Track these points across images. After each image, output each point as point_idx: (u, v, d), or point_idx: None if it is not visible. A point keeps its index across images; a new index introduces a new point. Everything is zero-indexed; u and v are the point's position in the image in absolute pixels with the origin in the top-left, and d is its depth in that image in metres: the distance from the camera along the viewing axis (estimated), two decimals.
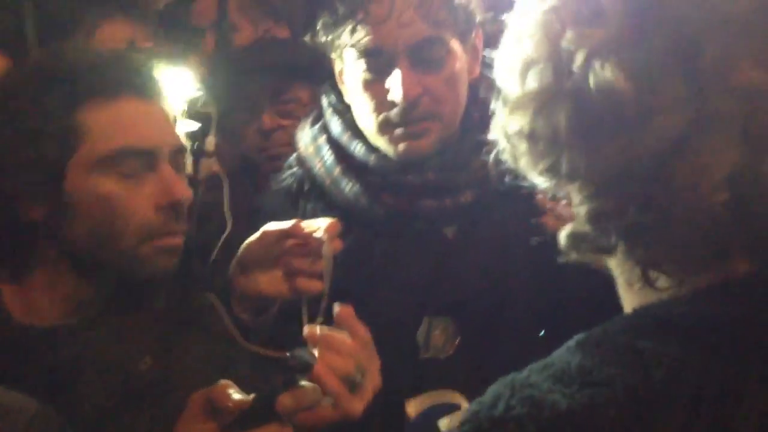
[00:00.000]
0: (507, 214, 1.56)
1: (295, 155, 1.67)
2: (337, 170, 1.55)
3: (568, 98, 0.71)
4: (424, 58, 1.46)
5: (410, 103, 1.45)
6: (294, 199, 1.61)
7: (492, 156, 0.90)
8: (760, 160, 0.65)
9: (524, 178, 0.86)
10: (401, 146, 1.50)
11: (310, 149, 1.61)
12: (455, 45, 1.50)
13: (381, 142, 1.52)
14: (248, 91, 2.33)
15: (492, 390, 0.78)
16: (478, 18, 1.52)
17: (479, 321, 1.50)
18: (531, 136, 0.77)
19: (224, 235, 1.57)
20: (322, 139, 1.60)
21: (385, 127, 1.49)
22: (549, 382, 0.74)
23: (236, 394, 1.09)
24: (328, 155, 1.58)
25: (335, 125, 1.59)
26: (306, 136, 1.64)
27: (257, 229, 1.43)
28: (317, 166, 1.59)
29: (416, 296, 1.52)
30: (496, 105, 0.83)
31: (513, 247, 1.52)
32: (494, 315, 1.49)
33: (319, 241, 1.35)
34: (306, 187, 1.61)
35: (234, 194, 1.72)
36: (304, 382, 1.13)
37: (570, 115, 0.72)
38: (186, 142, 1.44)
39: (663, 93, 0.66)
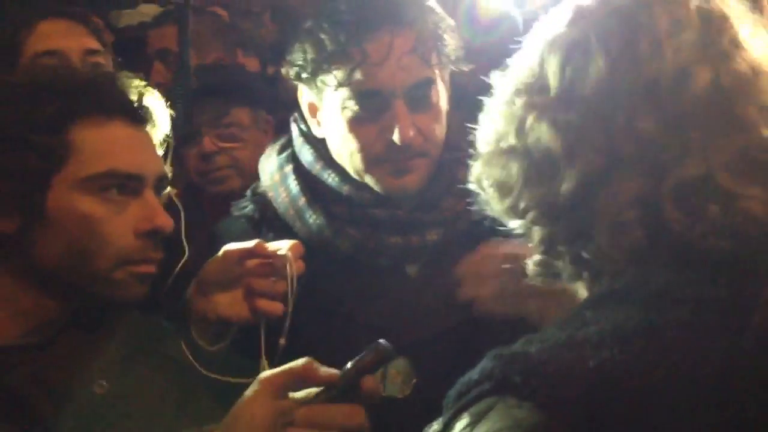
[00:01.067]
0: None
1: (258, 182, 1.65)
2: (302, 200, 1.53)
3: (520, 153, 0.93)
4: (417, 98, 1.47)
5: (406, 143, 1.45)
6: (255, 226, 1.58)
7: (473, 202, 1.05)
8: (658, 186, 0.86)
9: (495, 219, 1.02)
10: (389, 182, 1.50)
11: (276, 177, 1.59)
12: (440, 84, 1.51)
13: (368, 179, 1.51)
14: (190, 114, 2.31)
15: (480, 365, 0.85)
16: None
17: (438, 362, 1.48)
18: (496, 184, 0.97)
19: (182, 261, 1.53)
20: (289, 168, 1.58)
21: (374, 165, 1.49)
22: (542, 352, 0.82)
23: (325, 368, 1.11)
24: (293, 185, 1.55)
25: (307, 154, 1.57)
26: (271, 165, 1.62)
27: (215, 254, 1.39)
28: (281, 196, 1.56)
29: (374, 333, 1.49)
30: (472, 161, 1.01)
31: None
32: (453, 356, 1.47)
33: (283, 259, 1.32)
34: (268, 216, 1.58)
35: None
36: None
37: (520, 165, 0.93)
38: None
39: (583, 143, 0.88)
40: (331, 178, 1.54)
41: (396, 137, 1.44)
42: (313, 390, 1.14)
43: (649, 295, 0.83)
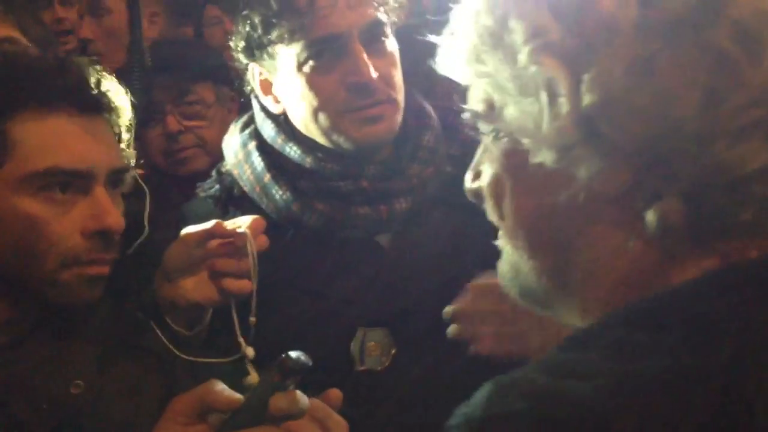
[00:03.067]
0: (443, 221, 1.55)
1: (223, 162, 1.62)
2: (267, 177, 1.51)
3: None
4: (372, 41, 1.45)
5: (371, 85, 1.43)
6: (223, 207, 1.56)
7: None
8: None
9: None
10: (360, 132, 1.46)
11: (240, 155, 1.56)
12: (389, 32, 1.49)
13: (337, 134, 1.47)
14: (150, 93, 2.25)
15: (479, 394, 0.73)
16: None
17: (416, 331, 1.47)
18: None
19: (138, 241, 1.49)
20: (252, 145, 1.55)
21: (341, 116, 1.46)
22: (547, 377, 0.70)
23: (229, 393, 1.04)
24: (258, 162, 1.53)
25: (268, 129, 1.54)
26: (235, 143, 1.59)
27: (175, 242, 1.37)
28: (247, 173, 1.54)
29: (350, 307, 1.49)
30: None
31: (449, 255, 1.49)
32: (431, 325, 1.46)
33: (243, 237, 1.30)
34: (235, 194, 1.56)
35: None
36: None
37: None
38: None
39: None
40: (293, 152, 1.51)
41: (361, 76, 1.42)
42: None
43: None
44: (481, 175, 0.85)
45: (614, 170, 0.72)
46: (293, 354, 1.09)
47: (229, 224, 1.33)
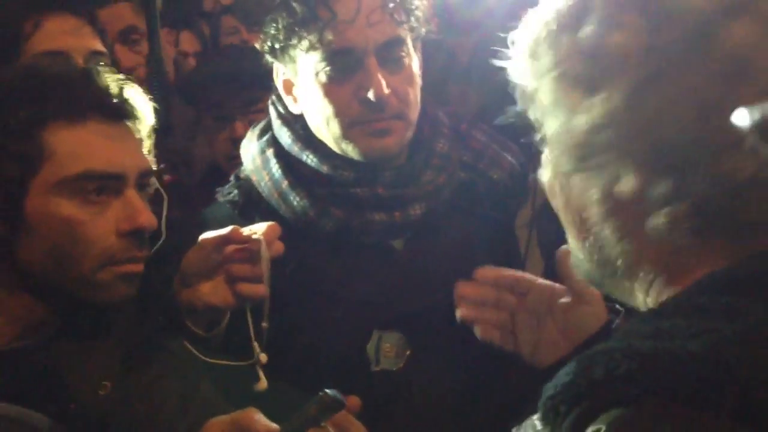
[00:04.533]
0: (455, 226, 1.59)
1: (241, 168, 1.66)
2: (285, 183, 1.54)
3: None
4: (389, 57, 1.48)
5: (381, 100, 1.46)
6: (242, 212, 1.59)
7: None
8: None
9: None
10: (368, 145, 1.50)
11: (258, 162, 1.60)
12: (411, 48, 1.53)
13: (346, 145, 1.51)
14: (218, 99, 2.32)
15: (572, 366, 0.75)
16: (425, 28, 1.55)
17: (430, 333, 1.51)
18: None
19: (156, 246, 1.54)
20: (270, 151, 1.59)
21: (351, 128, 1.49)
22: (646, 341, 0.73)
23: (266, 423, 1.09)
24: (275, 168, 1.56)
25: (285, 136, 1.58)
26: (253, 149, 1.63)
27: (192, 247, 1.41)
28: (265, 179, 1.57)
29: (365, 310, 1.53)
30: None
31: (462, 259, 1.53)
32: (444, 327, 1.50)
33: (257, 243, 1.34)
34: (253, 200, 1.59)
35: (202, 202, 1.72)
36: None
37: None
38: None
39: None
40: (309, 159, 1.55)
41: (371, 94, 1.45)
42: None
43: None
44: None
45: (627, 179, 0.82)
46: (330, 392, 1.16)
47: (246, 230, 1.37)
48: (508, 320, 1.38)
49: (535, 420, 0.79)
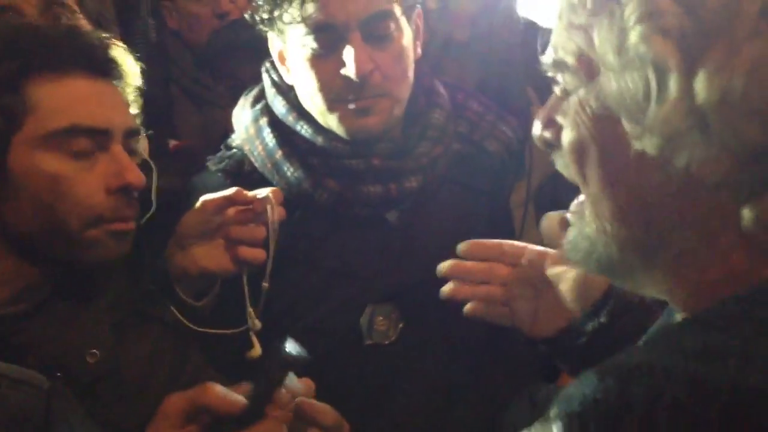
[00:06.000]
0: (450, 199, 1.57)
1: (233, 136, 1.63)
2: (279, 153, 1.52)
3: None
4: (374, 32, 1.43)
5: (363, 78, 1.41)
6: (234, 181, 1.57)
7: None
8: None
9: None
10: (351, 123, 1.46)
11: (251, 131, 1.57)
12: (402, 21, 1.47)
13: (330, 120, 1.48)
14: (231, 69, 2.29)
15: (599, 377, 0.67)
16: None
17: (423, 307, 1.50)
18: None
19: (147, 215, 1.52)
20: (264, 120, 1.56)
21: (334, 104, 1.46)
22: (692, 362, 0.66)
23: (231, 396, 1.07)
24: (269, 138, 1.53)
25: (279, 105, 1.55)
26: (246, 117, 1.60)
27: (190, 208, 1.38)
28: (258, 149, 1.55)
29: (359, 283, 1.52)
30: None
31: (456, 232, 1.52)
32: (437, 299, 1.49)
33: (264, 202, 1.32)
34: (245, 169, 1.57)
35: None
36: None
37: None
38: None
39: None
40: (304, 130, 1.52)
41: (351, 72, 1.41)
42: None
43: None
44: (557, 127, 0.82)
45: (717, 161, 0.71)
46: (292, 349, 1.13)
47: (248, 193, 1.35)
48: (501, 293, 1.33)
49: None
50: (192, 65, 2.53)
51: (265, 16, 1.47)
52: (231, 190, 1.34)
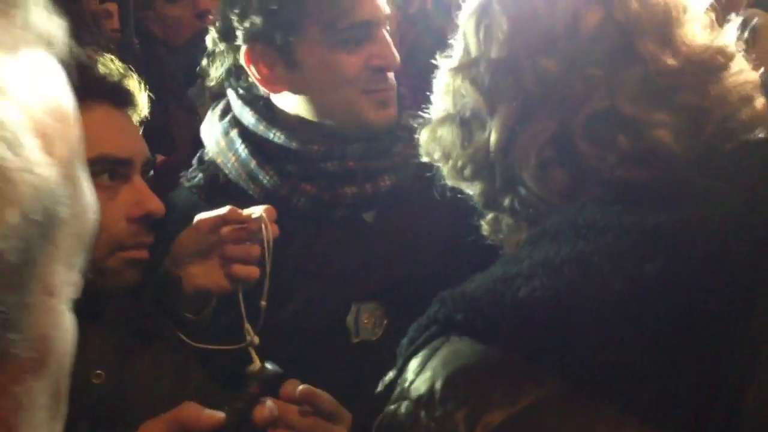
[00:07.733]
0: (423, 197, 1.60)
1: (204, 150, 1.65)
2: (253, 163, 1.54)
3: (454, 117, 1.02)
4: (386, 29, 1.56)
5: (395, 67, 1.55)
6: (208, 196, 1.58)
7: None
8: (569, 124, 0.91)
9: None
10: (376, 114, 1.55)
11: (222, 143, 1.59)
12: None
13: (356, 111, 1.55)
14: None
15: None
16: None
17: (406, 303, 1.52)
18: (441, 150, 1.05)
19: None
20: (234, 132, 1.58)
21: (359, 96, 1.54)
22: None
23: (207, 413, 1.08)
24: (242, 148, 1.56)
25: (248, 116, 1.57)
26: (216, 131, 1.61)
27: (166, 227, 1.39)
28: (231, 161, 1.56)
29: (342, 284, 1.54)
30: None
31: (432, 228, 1.56)
32: (421, 294, 1.52)
33: (258, 221, 1.33)
34: (221, 182, 1.59)
35: None
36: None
37: (455, 128, 1.03)
38: None
39: (499, 94, 0.95)
40: (276, 137, 1.55)
41: (389, 61, 1.53)
42: None
43: (577, 227, 0.85)
44: None
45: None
46: (269, 365, 1.16)
47: (243, 212, 1.36)
48: None
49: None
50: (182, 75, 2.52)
51: (280, 18, 1.49)
52: (225, 209, 1.34)
